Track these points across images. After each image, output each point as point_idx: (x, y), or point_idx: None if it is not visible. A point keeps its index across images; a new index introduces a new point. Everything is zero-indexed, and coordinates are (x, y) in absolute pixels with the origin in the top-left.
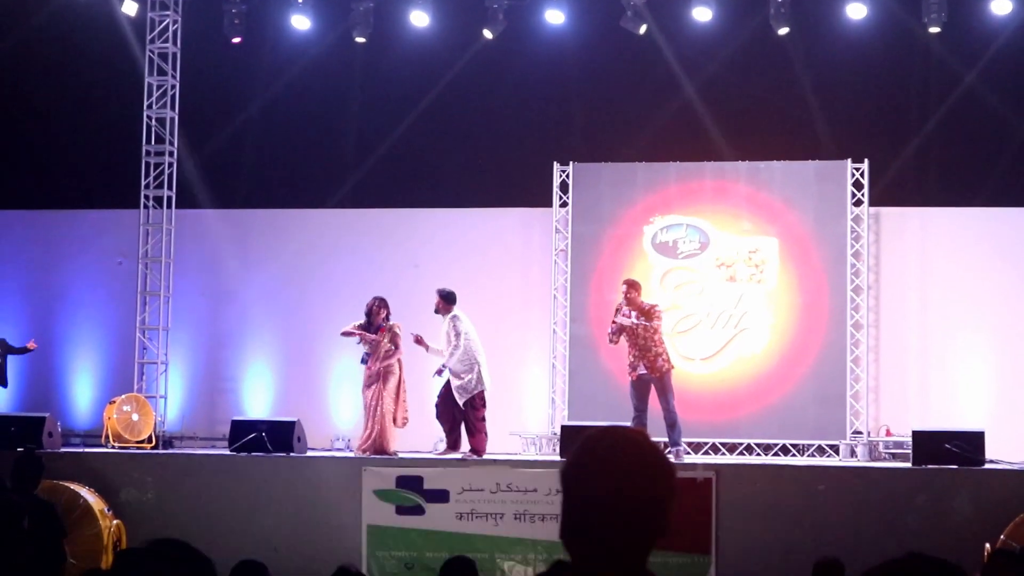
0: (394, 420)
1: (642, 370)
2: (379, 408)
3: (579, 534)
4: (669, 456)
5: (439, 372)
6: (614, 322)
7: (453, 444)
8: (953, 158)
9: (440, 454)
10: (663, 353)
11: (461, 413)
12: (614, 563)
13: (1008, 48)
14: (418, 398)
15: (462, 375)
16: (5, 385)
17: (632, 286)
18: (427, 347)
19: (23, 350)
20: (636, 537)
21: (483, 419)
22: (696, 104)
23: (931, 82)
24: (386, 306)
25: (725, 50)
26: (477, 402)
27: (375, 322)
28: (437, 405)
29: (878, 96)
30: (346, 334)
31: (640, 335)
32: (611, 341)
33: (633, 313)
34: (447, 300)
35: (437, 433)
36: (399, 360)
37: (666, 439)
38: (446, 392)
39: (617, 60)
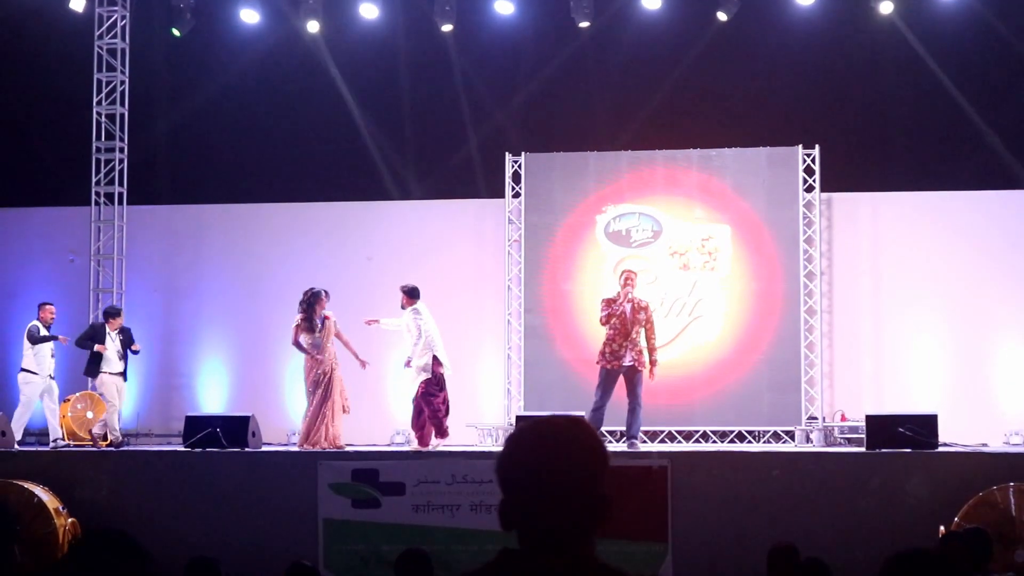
0: (344, 410)
1: (628, 360)
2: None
3: (517, 525)
4: (623, 446)
5: (408, 363)
6: (612, 304)
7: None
8: (904, 143)
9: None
10: (654, 351)
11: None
12: (557, 551)
13: (959, 32)
14: (376, 392)
15: (421, 358)
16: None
17: (635, 276)
18: (378, 322)
19: (52, 338)
20: (575, 523)
21: (438, 409)
22: (647, 93)
23: (881, 67)
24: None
25: (675, 38)
26: (432, 388)
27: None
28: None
29: (828, 82)
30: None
31: (637, 329)
32: (603, 323)
33: (641, 314)
34: (410, 295)
35: (393, 426)
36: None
37: (623, 429)
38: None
39: (568, 51)
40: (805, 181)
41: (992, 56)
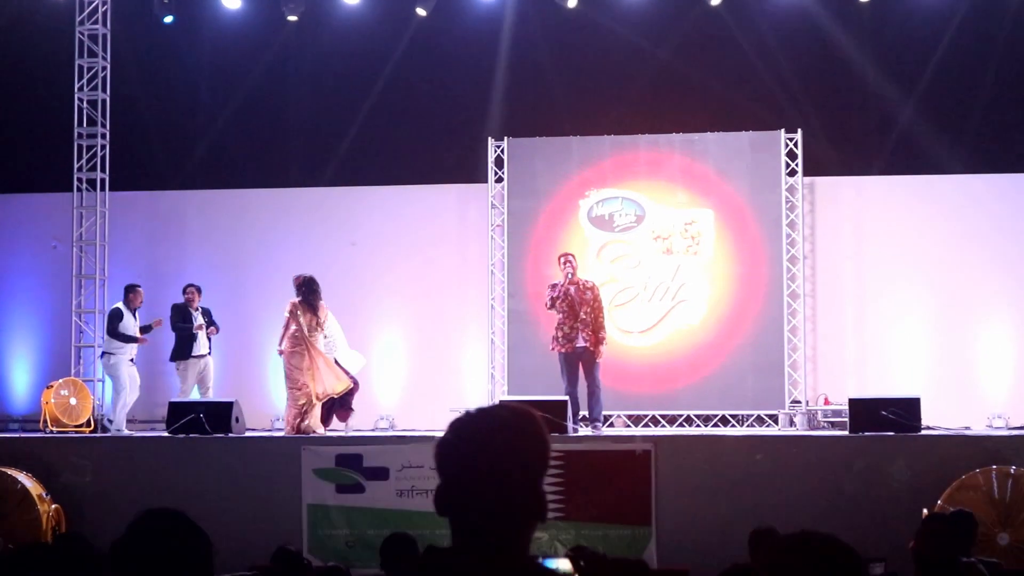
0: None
1: (581, 343)
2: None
3: (448, 512)
4: (590, 429)
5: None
6: (555, 287)
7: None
8: (886, 127)
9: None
10: (601, 329)
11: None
12: (487, 543)
13: (940, 15)
14: (361, 377)
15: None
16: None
17: (575, 258)
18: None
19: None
20: (507, 517)
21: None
22: (629, 77)
23: (863, 50)
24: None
25: (658, 22)
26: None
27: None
28: None
29: (811, 66)
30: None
31: (586, 309)
32: (549, 307)
33: (588, 294)
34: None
35: (378, 411)
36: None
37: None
38: None
39: (549, 34)
40: (788, 165)
41: (974, 38)
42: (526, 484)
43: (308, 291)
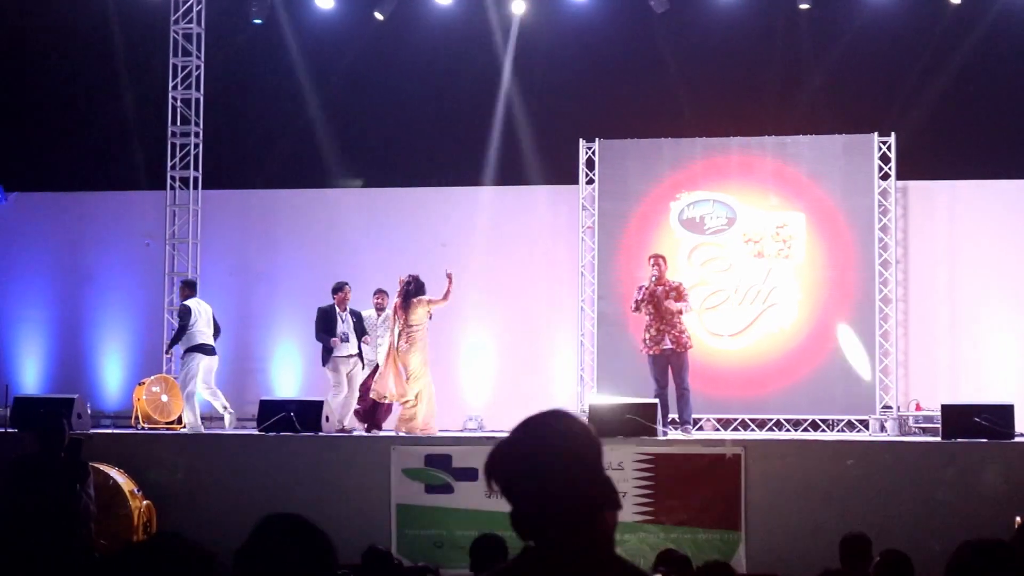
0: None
1: (667, 344)
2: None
3: (526, 527)
4: (680, 432)
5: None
6: (641, 289)
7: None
8: (981, 130)
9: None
10: (686, 329)
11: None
12: (567, 543)
13: None
14: (449, 377)
15: None
16: None
17: (664, 260)
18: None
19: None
20: (576, 509)
21: None
22: (721, 79)
23: (959, 53)
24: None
25: (750, 24)
26: None
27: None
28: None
29: (905, 68)
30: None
31: (668, 310)
32: (635, 310)
33: (672, 294)
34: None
35: (466, 412)
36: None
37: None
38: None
39: (641, 36)
40: (881, 169)
41: None
42: (585, 473)
43: (413, 292)
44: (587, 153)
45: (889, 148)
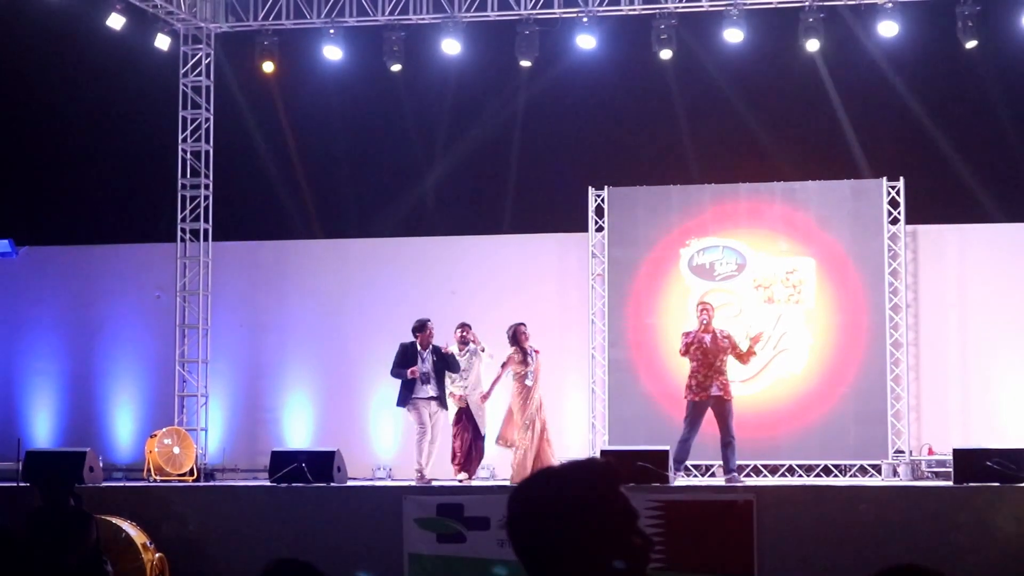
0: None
1: (715, 391)
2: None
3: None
4: (711, 480)
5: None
6: (689, 335)
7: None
8: (990, 174)
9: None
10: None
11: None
12: None
13: None
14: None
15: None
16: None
17: (712, 308)
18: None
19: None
20: (591, 565)
21: None
22: (729, 125)
23: (966, 98)
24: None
25: (758, 71)
26: None
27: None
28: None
29: (913, 113)
30: None
31: (721, 358)
32: (683, 354)
33: (724, 341)
34: None
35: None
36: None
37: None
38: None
39: (649, 84)
40: (890, 213)
41: None
42: (596, 524)
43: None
44: (597, 201)
45: (898, 192)
